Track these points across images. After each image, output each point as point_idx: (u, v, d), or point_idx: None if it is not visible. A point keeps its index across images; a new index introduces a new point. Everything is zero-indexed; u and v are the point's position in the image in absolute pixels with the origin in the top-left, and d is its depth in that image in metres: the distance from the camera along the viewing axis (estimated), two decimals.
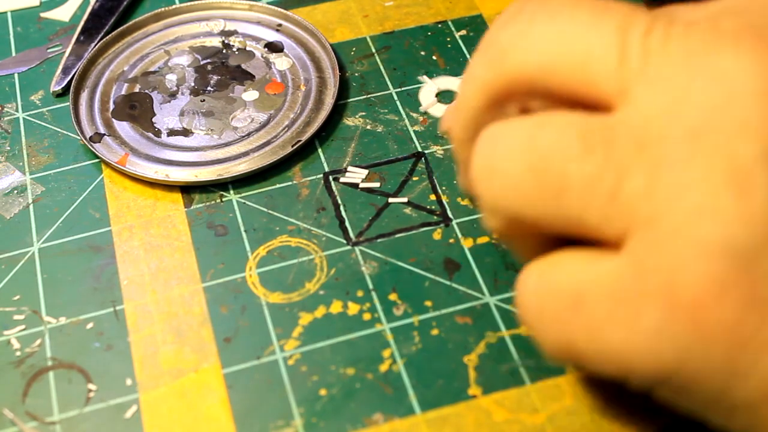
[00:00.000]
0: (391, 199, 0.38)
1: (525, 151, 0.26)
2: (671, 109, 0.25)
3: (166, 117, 0.42)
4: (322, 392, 0.33)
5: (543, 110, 0.27)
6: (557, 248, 0.28)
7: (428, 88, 0.43)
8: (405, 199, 0.38)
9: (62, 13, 0.48)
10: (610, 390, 0.32)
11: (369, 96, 0.42)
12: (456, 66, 0.43)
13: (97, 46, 0.45)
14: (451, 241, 0.37)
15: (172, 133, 0.41)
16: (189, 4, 0.46)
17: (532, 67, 0.27)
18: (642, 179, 0.25)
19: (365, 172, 0.40)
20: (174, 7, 0.46)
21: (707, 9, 0.28)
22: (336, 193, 0.39)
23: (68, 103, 0.42)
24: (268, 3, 0.46)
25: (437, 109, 0.42)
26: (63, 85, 0.44)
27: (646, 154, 0.25)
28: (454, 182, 0.39)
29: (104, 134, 0.41)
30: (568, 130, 0.26)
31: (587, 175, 0.25)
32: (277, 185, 0.39)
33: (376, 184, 0.39)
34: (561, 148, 0.26)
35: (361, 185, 0.39)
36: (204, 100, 0.42)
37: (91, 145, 0.41)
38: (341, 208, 0.38)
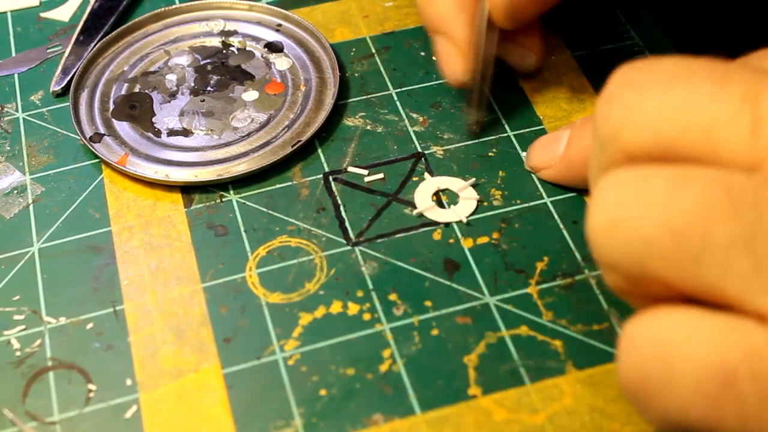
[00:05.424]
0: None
1: (663, 207, 0.24)
2: None
3: (166, 117, 0.42)
4: (322, 392, 0.33)
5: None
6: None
7: (426, 187, 0.38)
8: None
9: (62, 13, 0.48)
10: (609, 390, 0.32)
11: (369, 96, 0.42)
12: None
13: (96, 46, 0.44)
14: (451, 241, 0.37)
15: (172, 133, 0.41)
16: (189, 4, 0.46)
17: (650, 143, 0.25)
18: None
19: (365, 172, 0.40)
20: (174, 7, 0.46)
21: None
22: (336, 193, 0.39)
23: (68, 103, 0.42)
24: (268, 3, 0.46)
25: (434, 213, 0.37)
26: (63, 85, 0.44)
27: None
28: None
29: (104, 134, 0.41)
30: (714, 189, 0.24)
31: (733, 239, 0.23)
32: (277, 185, 0.39)
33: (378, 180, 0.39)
34: (707, 206, 0.24)
35: (366, 179, 0.39)
36: (204, 100, 0.42)
37: (91, 145, 0.41)
38: (341, 208, 0.38)
